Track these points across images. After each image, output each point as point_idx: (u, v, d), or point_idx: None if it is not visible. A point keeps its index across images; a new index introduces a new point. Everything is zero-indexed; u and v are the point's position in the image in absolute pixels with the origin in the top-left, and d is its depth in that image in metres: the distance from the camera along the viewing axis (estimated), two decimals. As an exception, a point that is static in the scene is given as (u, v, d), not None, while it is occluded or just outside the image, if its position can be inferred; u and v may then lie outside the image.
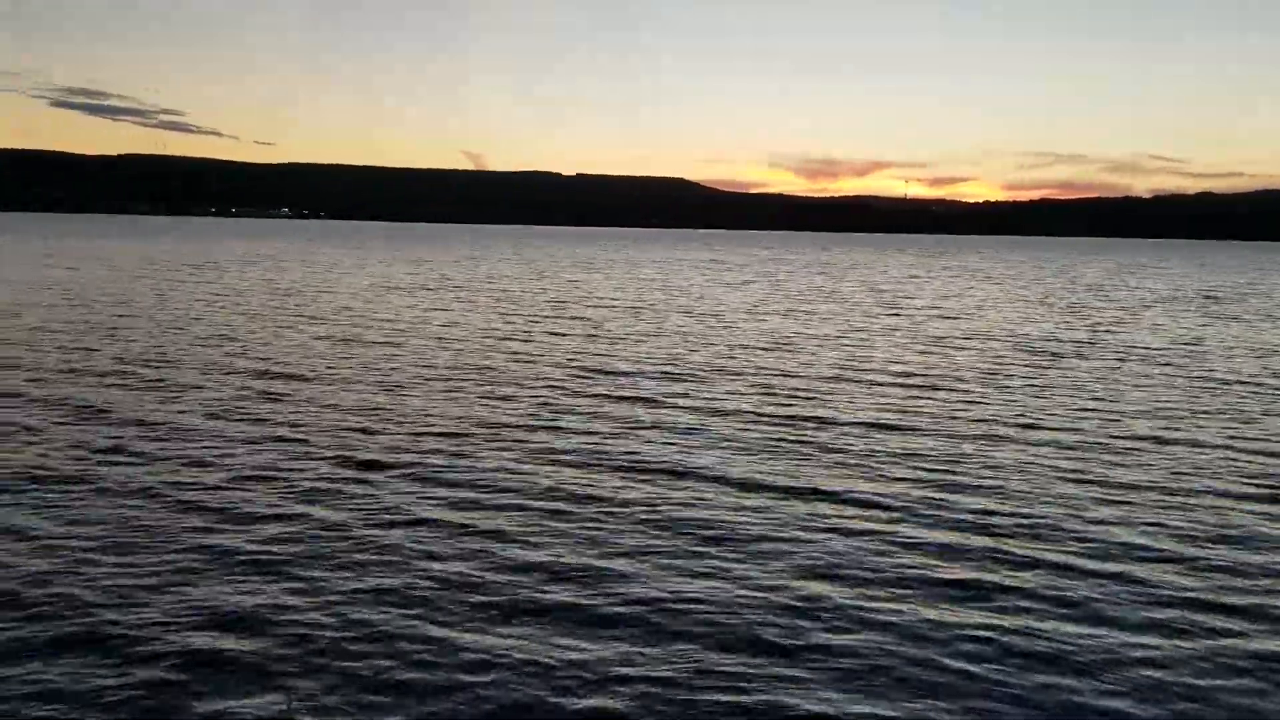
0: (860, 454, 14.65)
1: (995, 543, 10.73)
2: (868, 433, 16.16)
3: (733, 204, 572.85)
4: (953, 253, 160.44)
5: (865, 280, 67.72)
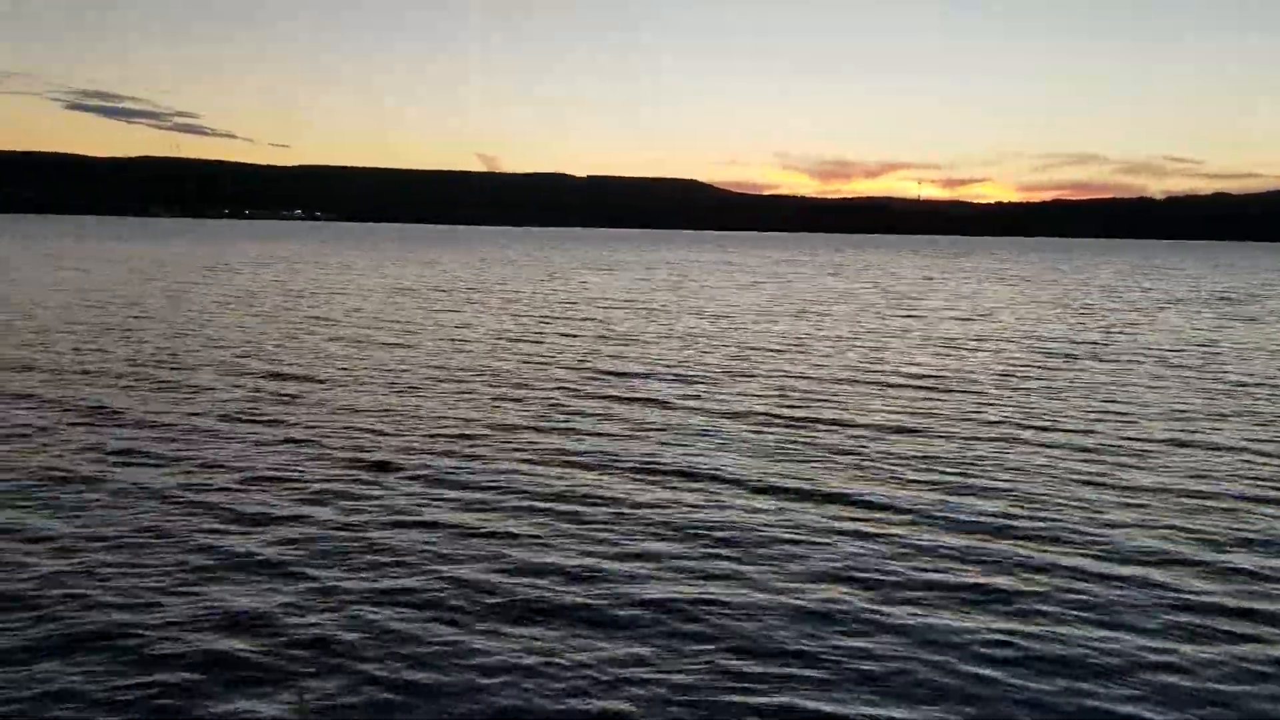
0: (874, 456, 14.57)
1: (1012, 546, 10.65)
2: (882, 435, 16.08)
3: (746, 205, 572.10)
4: (968, 254, 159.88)
5: (878, 282, 67.53)
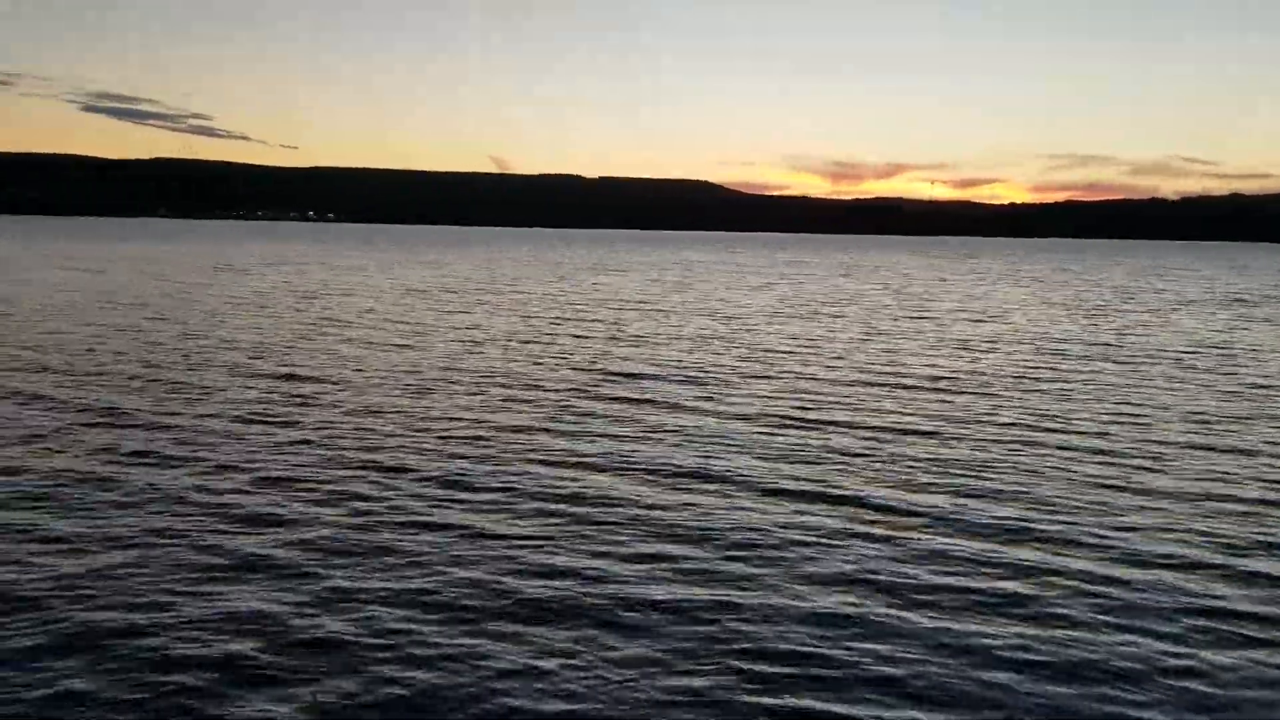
0: (888, 459, 14.50)
1: (1028, 550, 10.57)
2: (896, 437, 16.00)
3: (756, 206, 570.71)
4: (978, 255, 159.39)
5: (890, 283, 67.35)
